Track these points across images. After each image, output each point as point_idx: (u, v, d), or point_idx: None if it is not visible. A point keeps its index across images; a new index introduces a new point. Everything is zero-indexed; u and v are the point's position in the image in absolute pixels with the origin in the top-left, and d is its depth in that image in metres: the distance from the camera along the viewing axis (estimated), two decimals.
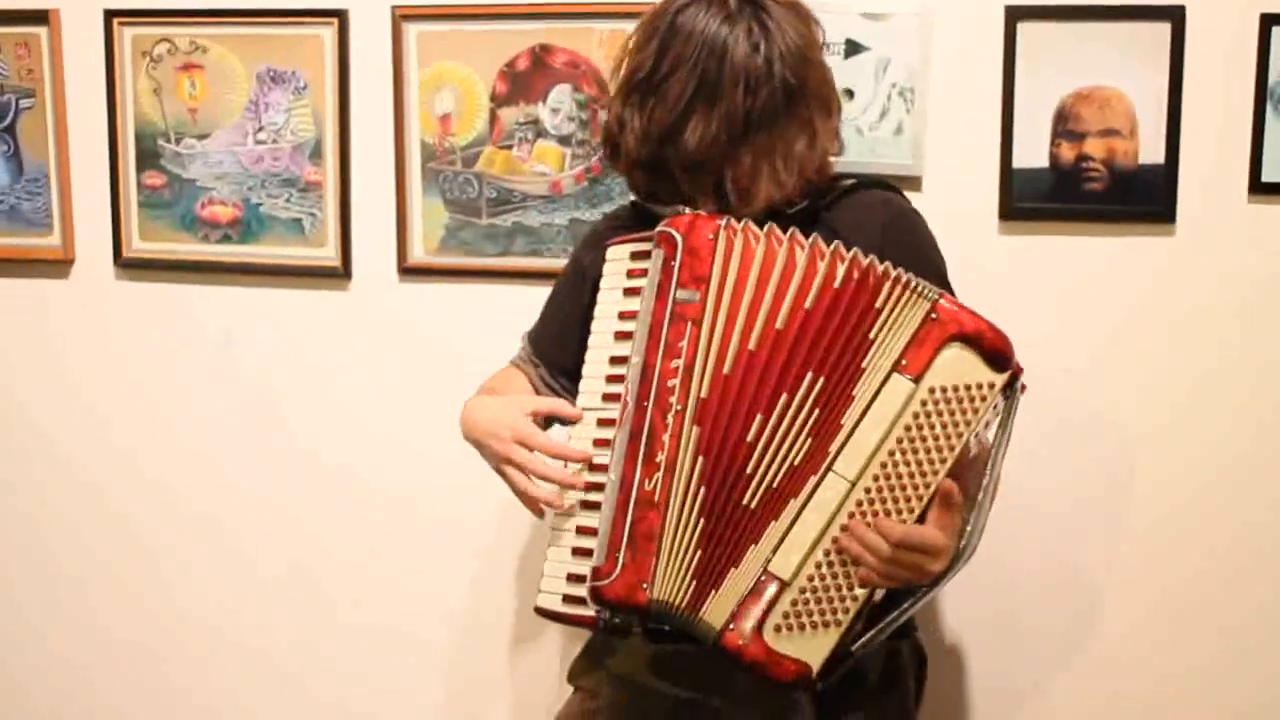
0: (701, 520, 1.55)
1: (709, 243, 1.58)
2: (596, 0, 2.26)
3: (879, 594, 1.55)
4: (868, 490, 1.48)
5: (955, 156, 2.19)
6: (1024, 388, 1.50)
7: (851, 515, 1.48)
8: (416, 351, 2.44)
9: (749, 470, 1.54)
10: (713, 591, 1.55)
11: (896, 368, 1.49)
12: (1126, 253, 2.17)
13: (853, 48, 2.19)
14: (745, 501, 1.55)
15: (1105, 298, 2.19)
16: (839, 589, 1.49)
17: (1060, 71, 2.14)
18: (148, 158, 2.49)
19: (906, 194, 1.90)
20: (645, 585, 1.54)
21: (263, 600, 2.58)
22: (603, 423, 1.63)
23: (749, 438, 1.54)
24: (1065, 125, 2.15)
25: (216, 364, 2.54)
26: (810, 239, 1.59)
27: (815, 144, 1.69)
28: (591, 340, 1.70)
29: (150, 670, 2.65)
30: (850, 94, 2.19)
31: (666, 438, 1.55)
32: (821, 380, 1.53)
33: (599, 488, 1.61)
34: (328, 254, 2.45)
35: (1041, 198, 2.17)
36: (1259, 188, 2.12)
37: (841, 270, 1.55)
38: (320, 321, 2.48)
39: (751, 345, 1.55)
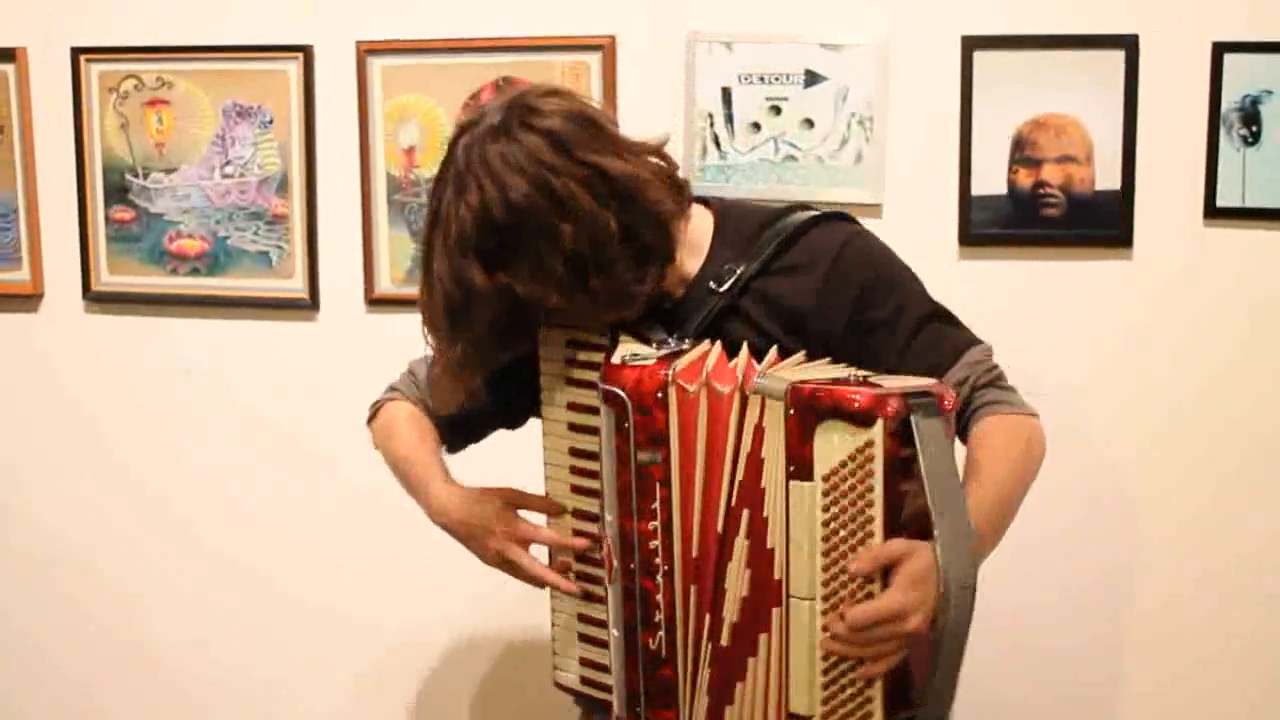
0: (709, 670, 1.54)
1: (659, 402, 1.50)
2: (558, 33, 2.29)
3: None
4: (826, 598, 1.44)
5: (914, 184, 2.22)
6: (944, 408, 1.42)
7: (825, 627, 1.45)
8: (384, 381, 2.43)
9: (723, 615, 1.53)
10: None
11: (790, 475, 1.44)
12: (1084, 277, 2.20)
13: (812, 78, 2.22)
14: (724, 643, 1.53)
15: (1064, 321, 2.22)
16: (859, 694, 1.45)
17: (1017, 100, 2.17)
18: (115, 192, 2.51)
19: (866, 222, 1.73)
20: None
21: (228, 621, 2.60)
22: (578, 514, 1.65)
23: (725, 585, 1.52)
24: (1022, 152, 2.18)
25: (186, 395, 2.55)
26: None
27: (573, 301, 1.50)
28: (546, 426, 1.67)
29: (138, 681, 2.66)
30: (810, 123, 2.22)
31: (660, 599, 1.53)
32: (747, 511, 1.49)
33: (590, 579, 1.64)
34: (295, 285, 2.46)
35: (1000, 224, 2.20)
36: (1214, 212, 2.15)
37: (755, 404, 1.48)
38: (289, 352, 2.49)
39: (734, 502, 1.51)
